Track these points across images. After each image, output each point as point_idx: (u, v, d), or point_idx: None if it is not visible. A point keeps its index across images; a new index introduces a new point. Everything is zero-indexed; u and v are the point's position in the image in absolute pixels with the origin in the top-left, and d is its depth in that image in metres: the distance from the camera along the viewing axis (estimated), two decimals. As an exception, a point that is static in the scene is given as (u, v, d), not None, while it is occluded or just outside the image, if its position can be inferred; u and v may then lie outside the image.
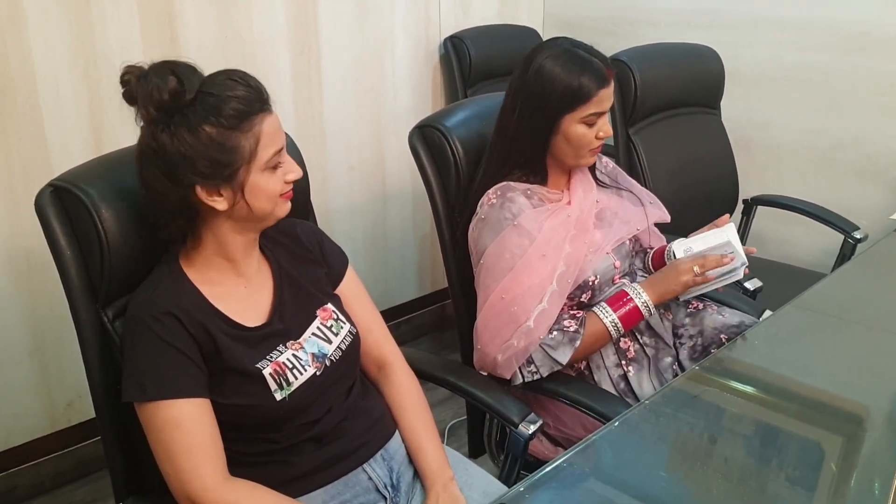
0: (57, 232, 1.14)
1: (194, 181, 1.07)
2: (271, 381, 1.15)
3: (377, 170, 2.76)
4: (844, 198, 2.53)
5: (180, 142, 1.05)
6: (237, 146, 1.07)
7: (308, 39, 2.45)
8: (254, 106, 1.08)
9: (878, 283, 1.79)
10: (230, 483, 1.09)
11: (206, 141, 1.05)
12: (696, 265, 1.45)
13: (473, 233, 1.48)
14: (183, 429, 1.07)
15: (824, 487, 1.06)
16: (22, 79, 1.88)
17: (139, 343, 1.09)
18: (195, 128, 1.05)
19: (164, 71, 1.06)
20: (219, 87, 1.07)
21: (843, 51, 2.50)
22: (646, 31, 2.92)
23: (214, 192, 1.09)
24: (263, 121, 1.09)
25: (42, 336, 2.06)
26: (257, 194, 1.11)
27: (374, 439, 1.28)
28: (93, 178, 1.17)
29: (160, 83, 1.04)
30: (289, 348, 1.19)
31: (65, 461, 2.18)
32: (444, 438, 2.36)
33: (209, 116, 1.05)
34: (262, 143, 1.09)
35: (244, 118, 1.07)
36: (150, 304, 1.10)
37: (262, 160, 1.09)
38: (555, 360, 1.40)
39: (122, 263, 1.16)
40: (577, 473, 1.08)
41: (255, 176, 1.10)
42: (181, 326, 1.09)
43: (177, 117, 1.05)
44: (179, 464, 1.06)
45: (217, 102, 1.06)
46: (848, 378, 1.36)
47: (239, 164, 1.08)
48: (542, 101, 1.42)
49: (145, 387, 1.07)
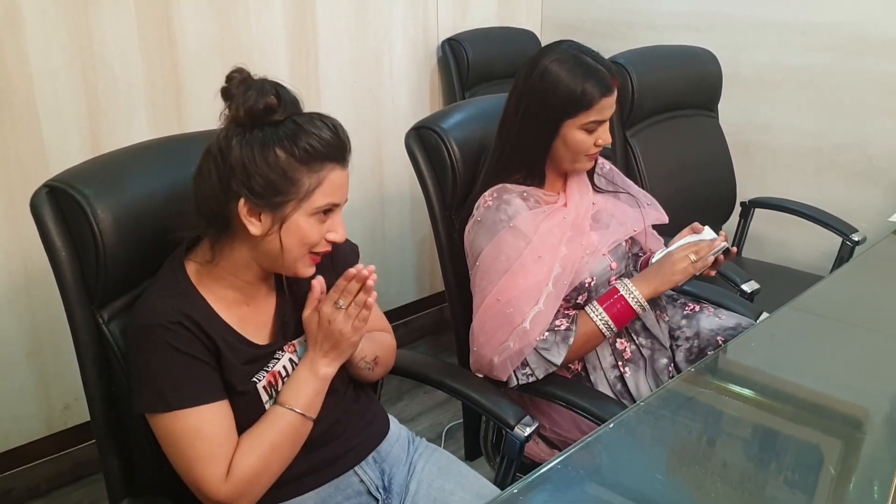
0: (52, 232, 1.13)
1: (242, 193, 1.07)
2: (263, 393, 1.15)
3: (375, 172, 2.76)
4: (843, 200, 2.53)
5: (248, 153, 1.06)
6: (298, 180, 1.07)
7: (306, 41, 2.45)
8: (331, 152, 1.09)
9: (877, 284, 1.79)
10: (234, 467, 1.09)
11: (272, 162, 1.06)
12: (691, 252, 1.45)
13: (469, 235, 1.48)
14: (202, 435, 1.06)
15: (823, 490, 1.06)
16: (19, 81, 1.88)
17: (153, 352, 1.07)
18: (268, 146, 1.06)
19: (269, 86, 1.07)
20: (308, 121, 1.08)
21: (844, 53, 2.50)
22: (644, 33, 2.92)
23: (255, 214, 1.08)
24: (334, 170, 1.09)
25: (39, 338, 2.06)
26: (294, 235, 1.10)
27: (365, 442, 1.28)
28: (89, 178, 1.16)
29: (261, 92, 1.05)
30: (286, 352, 1.19)
31: (61, 464, 2.17)
32: (441, 441, 2.36)
33: (285, 142, 1.06)
34: (322, 188, 1.08)
35: (316, 158, 1.07)
36: (159, 312, 1.08)
37: (314, 204, 1.09)
38: (549, 362, 1.40)
39: (117, 265, 1.15)
40: (571, 475, 1.08)
41: (300, 216, 1.09)
42: (192, 334, 1.08)
43: (256, 131, 1.06)
44: (199, 470, 1.06)
45: (298, 132, 1.07)
46: (846, 380, 1.35)
47: (291, 198, 1.08)
48: (545, 104, 1.42)
49: (166, 397, 1.06)
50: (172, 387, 1.06)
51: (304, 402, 1.14)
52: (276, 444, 1.11)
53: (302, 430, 1.14)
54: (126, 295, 1.20)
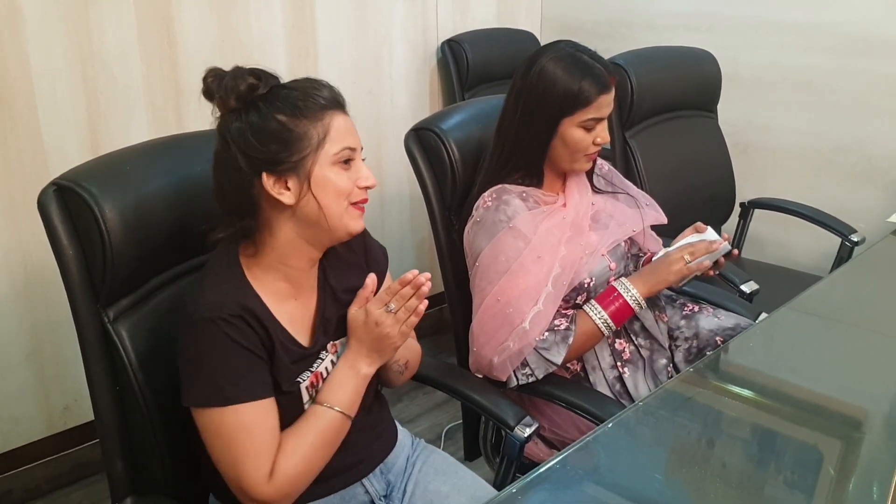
0: (59, 231, 1.13)
1: (261, 168, 1.06)
2: (305, 394, 1.15)
3: (375, 173, 2.67)
4: (842, 201, 2.53)
5: (251, 129, 1.06)
6: (305, 133, 1.07)
7: (306, 42, 2.45)
8: (327, 101, 1.09)
9: (876, 285, 1.79)
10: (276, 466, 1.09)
11: (276, 128, 1.06)
12: (686, 253, 1.46)
13: (469, 235, 1.48)
14: (252, 431, 1.06)
15: (822, 491, 1.05)
16: (19, 82, 1.88)
17: (214, 346, 1.06)
18: (266, 116, 1.06)
19: (243, 71, 1.08)
20: (294, 83, 1.10)
21: (844, 53, 2.50)
22: (644, 34, 2.92)
23: (281, 184, 1.08)
24: (335, 116, 1.10)
25: (40, 339, 2.06)
26: (325, 188, 1.09)
27: (374, 454, 1.27)
28: (96, 176, 1.16)
29: (238, 76, 1.07)
30: (328, 352, 1.19)
31: (61, 465, 2.17)
32: (441, 442, 2.36)
33: (279, 104, 1.07)
34: (330, 135, 1.08)
35: (314, 109, 1.08)
36: (220, 305, 1.07)
37: (329, 152, 1.08)
38: (549, 361, 1.40)
39: (124, 263, 1.15)
40: (569, 475, 1.08)
41: (322, 168, 1.08)
42: (252, 329, 1.08)
43: (251, 110, 1.07)
44: (245, 468, 1.05)
45: (288, 94, 1.08)
46: (845, 381, 1.35)
47: (306, 152, 1.07)
48: (542, 102, 1.42)
49: (224, 390, 1.05)
50: (231, 380, 1.06)
51: (345, 401, 1.14)
52: (318, 444, 1.11)
53: (342, 429, 1.14)
54: (132, 294, 1.20)
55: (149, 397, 1.18)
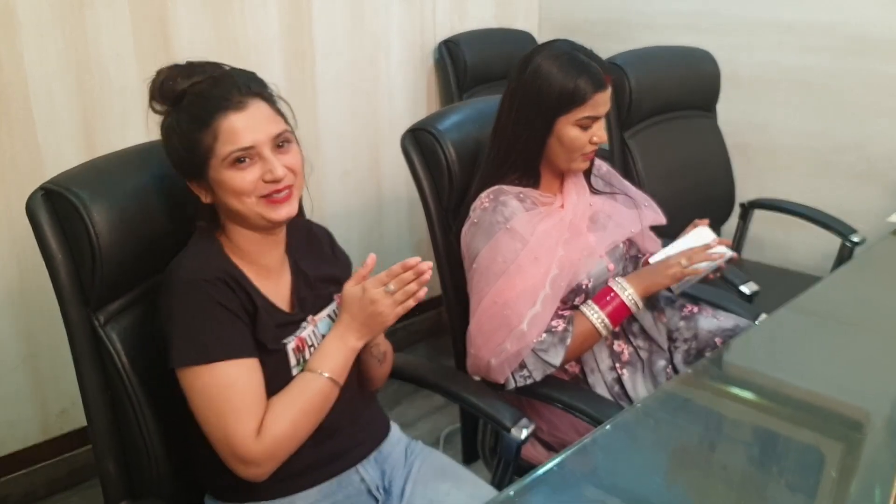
0: (48, 235, 1.13)
1: (180, 170, 1.15)
2: (292, 356, 1.18)
3: (372, 174, 2.75)
4: (842, 201, 2.52)
5: (165, 140, 1.14)
6: (197, 141, 1.10)
7: (302, 43, 2.44)
8: (215, 104, 1.11)
9: (876, 285, 1.78)
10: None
11: (178, 135, 1.12)
12: (684, 258, 1.46)
13: (466, 237, 1.47)
14: (237, 388, 1.09)
15: (824, 493, 1.05)
16: (15, 84, 1.88)
17: (198, 307, 1.10)
18: (171, 129, 1.13)
19: (165, 69, 1.14)
20: (198, 86, 1.12)
21: (843, 53, 2.50)
22: (642, 34, 2.91)
23: (195, 187, 1.14)
24: (227, 118, 1.10)
25: (35, 343, 2.05)
26: (224, 190, 1.12)
27: (368, 440, 1.30)
28: (85, 181, 1.17)
29: (159, 75, 1.13)
30: (309, 323, 1.22)
31: (57, 469, 2.16)
32: (440, 446, 2.34)
33: (182, 114, 1.12)
34: (220, 139, 1.10)
35: (203, 117, 1.10)
36: (200, 269, 1.12)
37: (219, 156, 1.10)
38: (547, 363, 1.39)
39: (113, 267, 1.16)
40: (567, 477, 1.07)
41: (218, 172, 1.11)
42: (233, 292, 1.12)
43: (171, 114, 1.13)
44: (232, 424, 1.07)
45: (192, 100, 1.11)
46: (846, 381, 1.34)
47: (200, 159, 1.11)
48: (538, 100, 1.42)
49: (207, 348, 1.08)
50: (215, 339, 1.09)
51: (334, 368, 1.16)
52: (306, 409, 1.14)
53: (331, 395, 1.16)
54: (122, 298, 1.20)
55: (141, 400, 1.18)
